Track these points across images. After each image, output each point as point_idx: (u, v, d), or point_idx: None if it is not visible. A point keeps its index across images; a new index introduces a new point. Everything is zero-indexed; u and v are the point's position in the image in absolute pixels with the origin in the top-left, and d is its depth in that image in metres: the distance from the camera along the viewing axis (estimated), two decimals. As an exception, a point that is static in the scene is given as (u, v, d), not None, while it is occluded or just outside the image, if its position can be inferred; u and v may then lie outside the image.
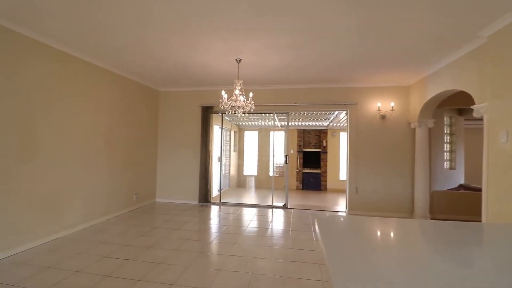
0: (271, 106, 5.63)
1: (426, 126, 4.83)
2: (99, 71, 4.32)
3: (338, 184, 9.61)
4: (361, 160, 5.30)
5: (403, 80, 5.03)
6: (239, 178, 10.06)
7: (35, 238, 3.31)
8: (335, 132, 9.81)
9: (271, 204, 5.74)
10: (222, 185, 8.08)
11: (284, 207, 5.67)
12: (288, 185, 10.39)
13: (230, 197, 7.36)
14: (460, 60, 3.54)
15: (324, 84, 5.37)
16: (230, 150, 8.96)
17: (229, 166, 8.92)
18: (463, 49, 3.40)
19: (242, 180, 10.13)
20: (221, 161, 7.05)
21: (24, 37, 3.13)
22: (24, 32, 3.11)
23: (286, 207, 5.67)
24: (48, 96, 3.46)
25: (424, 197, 4.80)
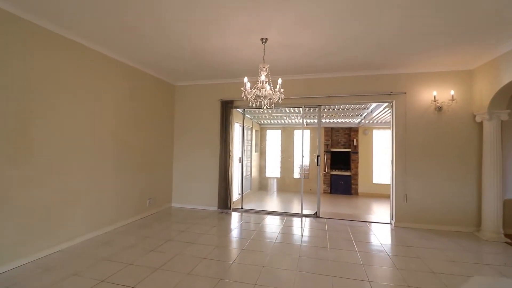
0: (300, 99, 4.88)
1: (498, 118, 3.84)
2: (106, 61, 3.82)
3: (372, 188, 8.63)
4: (410, 162, 4.39)
5: (465, 63, 4.07)
6: (261, 180, 9.38)
7: (29, 252, 2.82)
8: (367, 130, 8.84)
9: (300, 212, 4.98)
10: (244, 188, 7.44)
11: (316, 216, 4.89)
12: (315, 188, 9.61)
13: (252, 201, 6.69)
14: None
15: (364, 71, 4.53)
16: (251, 150, 8.31)
17: (250, 168, 8.27)
18: None
19: (264, 183, 9.44)
20: (242, 162, 6.40)
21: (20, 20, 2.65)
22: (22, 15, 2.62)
23: (318, 216, 4.88)
24: (45, 88, 2.97)
25: (496, 208, 3.81)
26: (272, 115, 7.54)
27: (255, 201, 6.95)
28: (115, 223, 3.99)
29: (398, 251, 3.34)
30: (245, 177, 7.77)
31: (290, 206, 6.45)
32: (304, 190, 8.56)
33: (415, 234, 3.99)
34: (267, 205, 6.53)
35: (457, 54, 3.75)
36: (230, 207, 5.05)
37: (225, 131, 5.10)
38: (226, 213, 5.01)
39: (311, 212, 5.06)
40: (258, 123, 9.02)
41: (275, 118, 8.15)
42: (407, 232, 4.11)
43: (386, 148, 8.70)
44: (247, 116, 7.63)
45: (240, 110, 5.67)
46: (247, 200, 6.67)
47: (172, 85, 5.53)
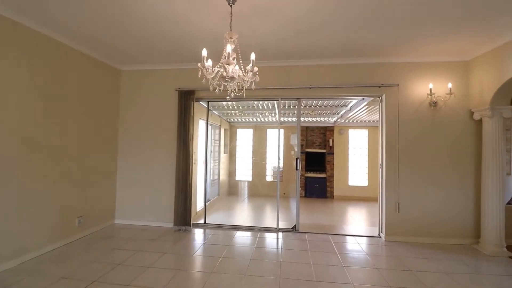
0: (276, 90, 4.05)
1: (500, 115, 3.36)
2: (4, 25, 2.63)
3: (347, 190, 8.16)
4: (403, 166, 3.78)
5: (462, 52, 3.56)
6: (230, 184, 8.44)
7: None
8: (343, 130, 8.35)
9: (276, 227, 4.15)
10: (210, 194, 6.45)
11: (294, 230, 4.10)
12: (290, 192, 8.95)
13: (219, 210, 5.74)
14: None
15: (352, 58, 3.83)
16: (219, 152, 7.34)
17: (218, 171, 7.30)
18: None
19: (234, 187, 8.52)
20: (206, 165, 5.43)
21: None
22: None
23: (297, 230, 4.09)
24: None
25: (498, 217, 3.33)
26: (242, 111, 6.65)
27: (223, 210, 6.01)
28: (17, 257, 2.80)
29: (400, 278, 2.65)
30: (212, 181, 6.79)
31: (263, 216, 5.61)
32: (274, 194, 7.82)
33: (411, 252, 3.36)
34: (237, 216, 5.62)
35: (455, 40, 3.19)
36: (190, 223, 4.05)
37: (184, 128, 4.09)
38: (185, 230, 4.01)
39: (288, 225, 4.26)
40: (228, 121, 8.08)
41: (246, 115, 7.27)
42: (401, 248, 3.48)
43: (361, 149, 8.30)
44: (214, 113, 6.65)
45: (204, 103, 4.68)
46: (214, 210, 5.70)
47: (116, 69, 4.37)
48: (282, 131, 8.31)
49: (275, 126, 8.28)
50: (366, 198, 7.89)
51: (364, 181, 8.21)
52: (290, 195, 8.18)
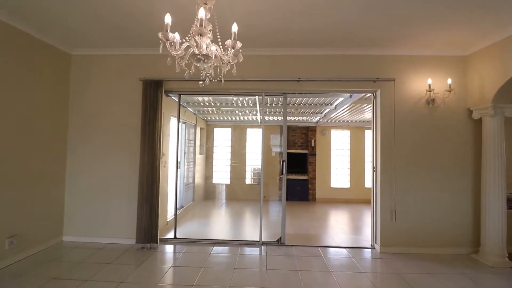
0: (260, 82, 3.51)
1: (502, 114, 3.11)
2: None
3: (329, 193, 7.86)
4: (400, 170, 3.43)
5: (460, 45, 3.28)
6: (207, 188, 7.79)
7: None
8: (326, 130, 8.05)
9: (259, 240, 3.61)
10: (184, 200, 5.77)
11: (280, 243, 3.60)
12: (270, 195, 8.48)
13: (194, 219, 5.09)
14: None
15: (344, 49, 3.41)
16: (194, 153, 6.67)
17: (193, 174, 6.63)
18: None
19: (211, 191, 7.88)
20: (177, 167, 4.77)
21: None
22: None
23: (283, 243, 3.59)
24: None
25: (500, 225, 3.07)
26: (220, 109, 6.05)
27: (198, 218, 5.37)
28: None
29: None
30: (187, 186, 6.12)
31: (244, 224, 5.06)
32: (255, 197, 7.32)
33: (411, 266, 2.99)
34: (214, 225, 5.01)
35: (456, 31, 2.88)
36: (156, 238, 3.39)
37: (150, 125, 3.42)
38: (150, 248, 3.34)
39: (272, 236, 3.75)
40: (204, 119, 7.42)
41: (224, 113, 6.67)
42: (399, 262, 3.10)
43: (343, 150, 8.05)
44: (188, 110, 5.99)
45: (175, 97, 4.02)
46: (188, 218, 5.05)
47: (66, 53, 3.58)
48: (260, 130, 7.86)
49: (256, 126, 7.77)
50: (349, 200, 7.66)
51: (346, 183, 7.96)
52: (271, 198, 7.72)
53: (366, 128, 7.91)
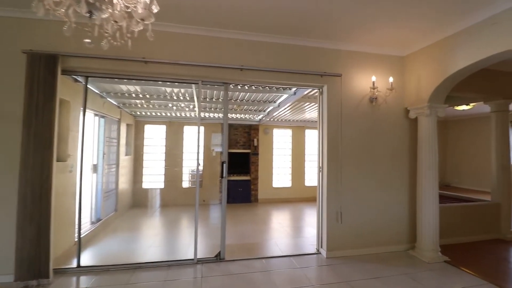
0: (195, 68, 2.91)
1: (435, 115, 3.23)
2: None
3: (272, 193, 7.68)
4: (345, 170, 3.28)
5: (401, 45, 3.31)
6: (136, 194, 6.70)
7: None
8: (268, 129, 7.84)
9: (194, 257, 3.00)
10: (102, 211, 4.72)
11: (219, 259, 3.06)
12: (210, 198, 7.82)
13: (115, 234, 4.13)
14: None
15: (292, 38, 3.08)
16: (118, 153, 5.59)
17: (116, 179, 5.54)
18: None
19: (141, 197, 6.82)
20: (81, 171, 3.84)
21: None
22: None
23: (222, 259, 3.07)
24: None
25: (433, 221, 3.18)
26: (150, 101, 5.15)
27: (120, 233, 4.42)
28: None
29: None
30: (107, 193, 5.04)
31: (178, 236, 4.34)
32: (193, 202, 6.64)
33: (357, 271, 2.83)
34: (140, 240, 4.16)
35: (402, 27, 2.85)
36: (48, 271, 2.45)
37: (38, 117, 2.46)
38: (38, 286, 2.40)
39: (210, 251, 3.20)
40: (132, 113, 6.34)
41: (157, 107, 5.77)
42: (346, 267, 2.92)
43: (285, 149, 7.98)
44: (109, 102, 4.92)
45: (81, 79, 3.07)
46: (104, 235, 4.06)
47: None
48: (202, 128, 7.19)
49: (195, 123, 7.04)
50: (290, 199, 7.63)
51: (287, 182, 7.91)
52: (212, 202, 7.12)
53: (307, 127, 8.01)
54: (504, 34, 2.32)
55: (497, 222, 3.90)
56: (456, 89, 3.42)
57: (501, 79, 3.93)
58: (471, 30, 2.61)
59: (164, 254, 3.43)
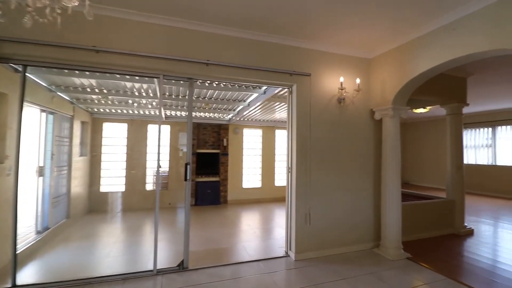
0: (156, 59, 2.65)
1: (398, 116, 3.33)
2: None
3: (241, 194, 7.54)
4: (315, 170, 3.25)
5: (368, 47, 3.37)
6: (92, 198, 6.13)
7: None
8: (238, 129, 7.68)
9: (153, 268, 2.75)
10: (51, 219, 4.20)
11: (182, 269, 2.84)
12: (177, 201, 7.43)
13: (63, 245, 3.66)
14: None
15: (263, 34, 2.97)
16: (71, 154, 5.04)
17: (68, 182, 4.99)
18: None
19: (99, 202, 6.25)
20: (39, 175, 3.38)
21: None
22: None
23: (185, 268, 2.85)
24: None
25: (396, 219, 3.27)
26: (107, 98, 4.71)
27: (72, 242, 3.95)
28: None
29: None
30: (56, 199, 4.50)
31: (138, 246, 4.00)
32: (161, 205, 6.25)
33: (325, 273, 2.80)
34: (95, 249, 3.75)
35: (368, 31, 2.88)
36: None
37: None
38: (-44, 315, 1.99)
39: (173, 260, 2.96)
40: (88, 110, 5.78)
41: (116, 104, 5.31)
42: (314, 269, 2.88)
43: (255, 149, 7.89)
44: (59, 96, 4.40)
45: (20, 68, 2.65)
46: (52, 247, 3.59)
47: None
48: (168, 127, 6.80)
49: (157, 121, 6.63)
50: (260, 200, 7.57)
51: (257, 183, 7.83)
52: (179, 205, 6.78)
53: (277, 127, 8.00)
54: (462, 40, 2.42)
55: (451, 218, 4.17)
56: (415, 93, 3.58)
57: (455, 84, 4.21)
58: (433, 35, 2.71)
59: (121, 266, 3.11)
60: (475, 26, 2.31)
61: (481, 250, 3.53)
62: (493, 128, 7.85)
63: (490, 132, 7.94)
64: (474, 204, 6.45)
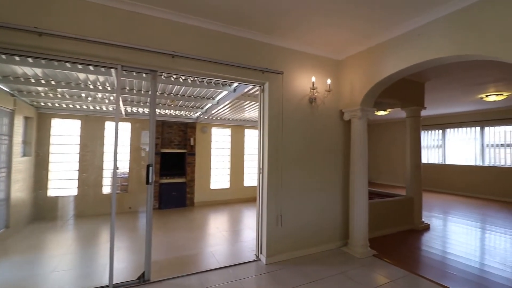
0: (113, 47, 2.35)
1: (366, 117, 3.41)
2: None
3: (209, 195, 7.29)
4: (286, 171, 3.18)
5: (337, 49, 3.40)
6: (38, 204, 5.41)
7: None
8: (206, 127, 7.41)
9: (108, 284, 2.43)
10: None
11: (143, 281, 2.57)
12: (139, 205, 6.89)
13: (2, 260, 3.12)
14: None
15: (235, 28, 2.81)
16: (11, 154, 4.38)
17: (7, 186, 4.32)
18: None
19: (46, 207, 5.55)
20: None
21: None
22: None
23: (147, 281, 2.59)
24: None
25: (363, 217, 3.35)
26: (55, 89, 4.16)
27: (12, 257, 3.40)
28: None
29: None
30: (-10, 206, 3.85)
31: (92, 258, 3.57)
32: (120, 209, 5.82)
33: (296, 276, 2.75)
34: (39, 264, 3.26)
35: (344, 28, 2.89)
36: None
37: None
38: None
39: (133, 272, 2.67)
40: (33, 104, 5.08)
41: (68, 98, 4.73)
42: (285, 272, 2.81)
43: (224, 149, 7.68)
44: (-6, 85, 3.77)
45: None
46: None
47: None
48: (128, 125, 6.29)
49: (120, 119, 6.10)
50: (228, 201, 7.39)
51: (226, 183, 7.64)
52: (141, 209, 6.31)
53: (247, 127, 7.89)
54: (425, 45, 2.52)
55: (411, 214, 4.42)
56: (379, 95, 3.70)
57: (415, 88, 4.47)
58: (400, 39, 2.79)
59: (71, 281, 2.72)
60: (439, 32, 2.42)
61: (437, 244, 3.78)
62: (443, 130, 8.63)
63: (440, 134, 8.72)
64: (428, 201, 6.98)
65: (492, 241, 3.94)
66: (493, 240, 4.01)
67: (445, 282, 2.65)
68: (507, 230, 4.44)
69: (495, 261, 3.19)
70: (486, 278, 2.77)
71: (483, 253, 3.49)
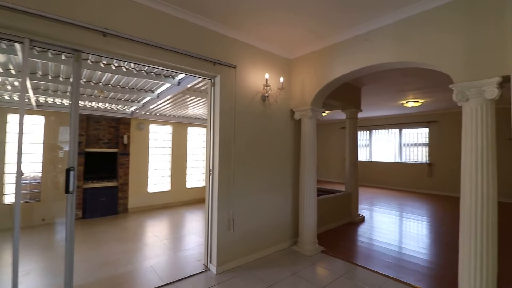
0: (17, 14, 1.75)
1: (315, 117, 3.48)
2: None
3: (146, 199, 6.57)
4: (238, 172, 2.98)
5: (289, 48, 3.38)
6: None
7: None
8: (143, 124, 6.65)
9: (12, 325, 1.84)
10: None
11: (63, 314, 2.03)
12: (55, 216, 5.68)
13: None
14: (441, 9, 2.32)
15: (186, 11, 2.46)
16: None
17: None
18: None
19: None
20: None
21: None
22: None
23: (70, 311, 2.05)
24: None
25: (312, 215, 3.41)
26: None
27: None
28: None
29: None
30: None
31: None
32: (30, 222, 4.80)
33: (250, 282, 2.60)
34: None
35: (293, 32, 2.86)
36: None
37: None
38: None
39: (48, 305, 2.09)
40: None
41: None
42: (237, 280, 2.63)
43: (164, 148, 7.03)
44: None
45: None
46: None
47: None
48: (41, 118, 5.15)
49: (27, 110, 4.95)
50: (169, 204, 6.79)
51: (166, 186, 7.02)
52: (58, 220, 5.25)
53: (190, 124, 7.40)
54: (370, 50, 2.67)
55: (349, 208, 4.76)
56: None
57: (354, 92, 4.83)
58: (350, 42, 2.90)
59: None
60: (383, 39, 2.57)
61: (373, 234, 4.14)
62: (370, 131, 9.77)
63: (368, 134, 9.85)
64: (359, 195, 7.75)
65: (410, 227, 4.56)
66: (412, 226, 4.64)
67: (384, 271, 2.87)
68: (419, 216, 5.23)
69: (414, 244, 3.66)
70: (409, 262, 3.11)
71: (407, 239, 3.97)
